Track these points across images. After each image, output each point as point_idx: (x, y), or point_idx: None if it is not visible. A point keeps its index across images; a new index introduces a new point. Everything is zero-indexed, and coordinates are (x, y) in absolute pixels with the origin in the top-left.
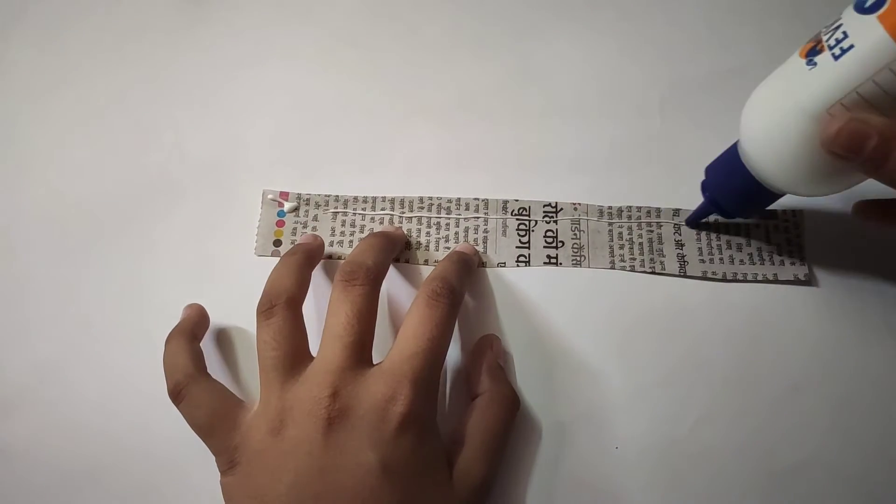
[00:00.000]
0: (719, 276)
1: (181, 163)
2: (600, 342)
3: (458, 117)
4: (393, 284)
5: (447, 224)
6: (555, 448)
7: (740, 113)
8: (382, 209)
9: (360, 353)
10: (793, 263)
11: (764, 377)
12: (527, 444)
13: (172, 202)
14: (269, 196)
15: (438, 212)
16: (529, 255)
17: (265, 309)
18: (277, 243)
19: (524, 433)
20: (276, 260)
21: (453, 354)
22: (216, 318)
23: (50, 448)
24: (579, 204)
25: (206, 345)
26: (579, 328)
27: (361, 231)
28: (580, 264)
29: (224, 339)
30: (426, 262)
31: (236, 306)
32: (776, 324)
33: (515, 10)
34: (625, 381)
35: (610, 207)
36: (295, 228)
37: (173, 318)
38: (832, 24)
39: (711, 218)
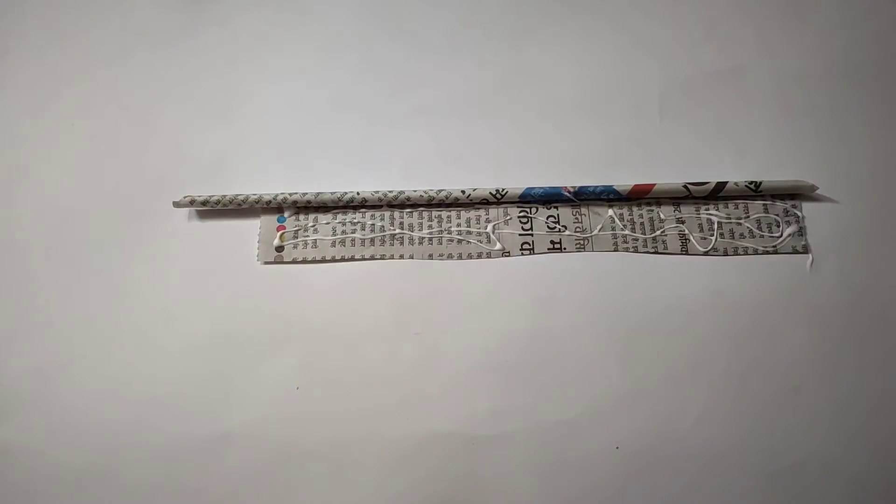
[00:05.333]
0: (720, 252)
1: (181, 163)
2: (602, 341)
3: (457, 116)
4: (396, 280)
5: (448, 217)
6: (555, 448)
7: (739, 112)
8: (382, 206)
9: None
10: (790, 235)
11: (764, 377)
12: (527, 443)
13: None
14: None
15: (439, 206)
16: (533, 241)
17: None
18: (280, 248)
19: (525, 433)
20: (280, 266)
21: (468, 347)
22: (220, 325)
23: (50, 448)
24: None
25: (208, 352)
26: (581, 325)
27: (363, 229)
28: (584, 248)
29: (227, 347)
30: (430, 257)
31: (240, 313)
32: (777, 323)
33: (515, 11)
34: (625, 381)
35: None
36: (296, 232)
37: (173, 320)
38: None
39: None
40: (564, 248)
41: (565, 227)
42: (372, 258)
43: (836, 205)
